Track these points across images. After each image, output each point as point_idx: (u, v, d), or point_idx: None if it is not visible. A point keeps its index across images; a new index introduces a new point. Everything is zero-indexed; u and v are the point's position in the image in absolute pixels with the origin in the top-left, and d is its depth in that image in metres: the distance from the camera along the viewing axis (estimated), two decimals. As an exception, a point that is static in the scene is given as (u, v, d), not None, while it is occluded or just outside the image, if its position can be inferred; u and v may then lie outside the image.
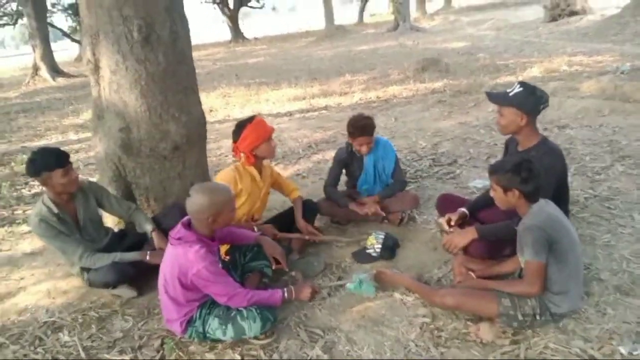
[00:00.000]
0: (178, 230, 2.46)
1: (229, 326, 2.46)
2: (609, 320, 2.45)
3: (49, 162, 2.88)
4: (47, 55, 17.60)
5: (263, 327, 2.47)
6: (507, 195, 2.43)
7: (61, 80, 16.89)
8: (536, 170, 2.37)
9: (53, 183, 2.91)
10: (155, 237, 3.16)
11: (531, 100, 2.74)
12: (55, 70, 17.76)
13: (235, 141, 3.23)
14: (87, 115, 9.19)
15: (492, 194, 2.57)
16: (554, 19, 17.63)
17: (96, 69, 3.40)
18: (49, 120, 9.63)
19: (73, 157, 6.41)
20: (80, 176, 3.11)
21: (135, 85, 3.28)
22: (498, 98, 2.88)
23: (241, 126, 3.21)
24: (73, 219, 3.08)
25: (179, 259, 2.40)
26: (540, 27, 16.91)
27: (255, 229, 3.22)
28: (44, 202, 3.00)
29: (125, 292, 3.06)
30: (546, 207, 2.42)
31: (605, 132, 5.17)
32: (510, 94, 2.79)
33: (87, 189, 3.19)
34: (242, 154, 3.21)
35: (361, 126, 3.56)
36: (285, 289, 2.64)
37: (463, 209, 3.15)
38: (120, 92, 3.31)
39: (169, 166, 3.52)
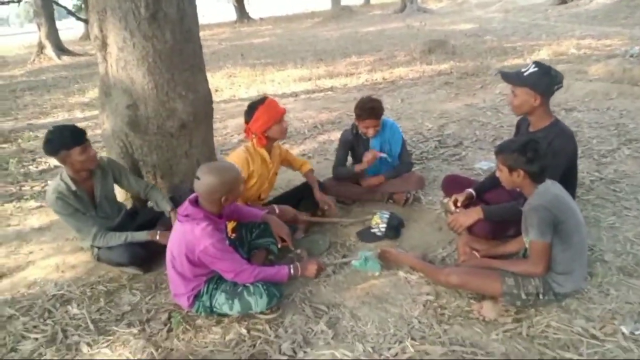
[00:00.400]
0: (185, 207, 2.48)
1: (236, 301, 2.50)
2: (611, 300, 2.47)
3: (66, 140, 2.88)
4: (52, 34, 17.52)
5: (269, 302, 2.51)
6: (512, 175, 2.44)
7: (66, 59, 16.84)
8: (542, 151, 2.36)
9: (72, 161, 2.92)
10: (173, 217, 3.18)
11: (545, 80, 2.71)
12: (61, 48, 17.70)
13: (247, 122, 3.23)
14: (93, 93, 9.19)
15: (497, 174, 2.57)
16: (563, 1, 17.42)
17: (103, 45, 3.40)
18: (55, 98, 9.63)
19: (79, 135, 6.51)
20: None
21: (143, 62, 3.27)
22: (512, 78, 2.84)
23: (253, 107, 3.21)
24: (89, 196, 3.11)
25: (186, 235, 2.43)
26: (549, 9, 16.72)
27: (277, 209, 3.24)
28: (62, 179, 3.01)
29: (131, 269, 3.10)
30: (552, 187, 2.43)
31: (613, 115, 5.15)
32: (525, 74, 2.75)
33: (105, 165, 3.21)
34: (253, 136, 3.21)
35: (369, 109, 3.55)
36: (291, 266, 2.67)
37: (470, 190, 3.15)
38: (128, 69, 3.31)
39: (176, 144, 3.53)
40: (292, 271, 2.64)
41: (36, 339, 2.57)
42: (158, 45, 3.26)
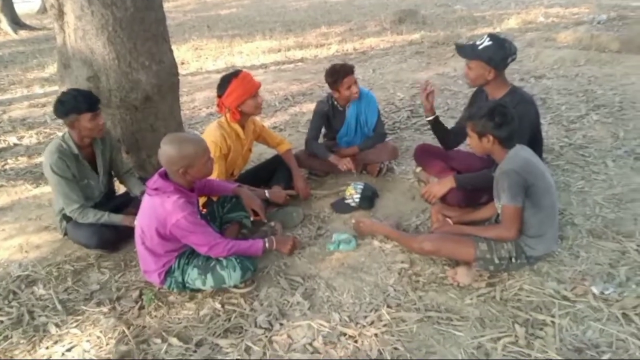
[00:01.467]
0: (155, 180, 2.39)
1: (209, 276, 2.45)
2: (581, 262, 2.51)
3: (79, 104, 2.78)
4: (8, 7, 16.63)
5: (243, 276, 2.46)
6: (482, 141, 2.43)
7: (23, 34, 16.04)
8: (510, 115, 2.36)
9: (80, 126, 2.83)
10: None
11: (499, 54, 2.70)
12: (17, 22, 16.83)
13: (219, 95, 3.10)
14: (52, 68, 8.80)
15: (468, 141, 2.56)
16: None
17: (60, 14, 3.22)
18: (12, 74, 9.19)
19: (39, 112, 6.26)
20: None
21: (102, 31, 3.12)
22: (466, 51, 2.83)
23: (227, 80, 3.07)
24: (91, 164, 3.03)
25: (156, 209, 2.35)
26: (517, -22, 16.70)
27: (267, 193, 3.19)
28: (64, 140, 2.90)
29: (97, 250, 3.01)
30: (522, 151, 2.43)
31: (581, 82, 5.20)
32: (479, 47, 2.74)
33: (107, 138, 3.11)
34: (227, 110, 3.11)
35: (341, 66, 3.48)
36: (266, 239, 2.63)
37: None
38: (87, 39, 3.15)
39: (141, 117, 3.41)
40: (266, 245, 2.60)
41: (1, 321, 2.48)
42: (118, 13, 3.10)
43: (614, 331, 2.08)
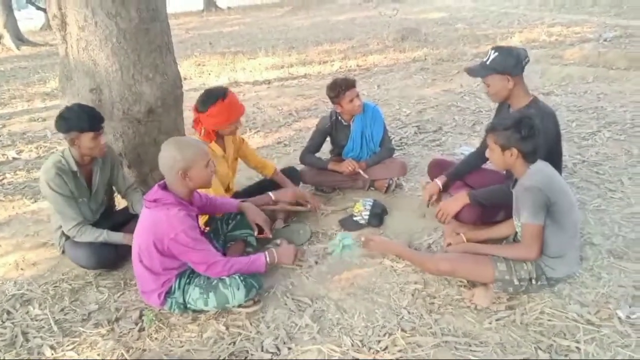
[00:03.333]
0: (154, 191, 2.29)
1: (211, 295, 2.33)
2: (604, 284, 2.39)
3: (82, 123, 2.68)
4: (11, 23, 16.73)
5: (247, 294, 2.34)
6: (505, 155, 2.32)
7: (26, 49, 16.11)
8: (537, 127, 2.25)
9: (80, 144, 2.72)
10: None
11: (510, 61, 2.63)
12: (20, 38, 16.93)
13: (200, 111, 2.94)
14: (54, 83, 8.77)
15: (488, 154, 2.45)
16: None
17: (63, 25, 3.14)
18: (14, 88, 9.15)
19: (40, 126, 6.17)
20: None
21: (106, 42, 3.04)
22: (477, 71, 2.77)
23: (212, 99, 2.90)
24: (87, 182, 2.91)
25: (154, 222, 2.24)
26: (518, -2, 16.84)
27: (272, 195, 3.09)
28: (63, 156, 2.80)
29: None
30: (545, 168, 2.33)
31: (590, 99, 5.14)
32: (488, 62, 2.68)
33: (109, 156, 3.01)
34: (202, 129, 2.97)
35: (343, 80, 3.41)
36: (266, 253, 2.51)
37: (437, 181, 3.10)
38: (90, 50, 3.07)
39: (144, 131, 3.31)
40: (267, 259, 2.48)
41: (-7, 343, 2.35)
42: (122, 24, 3.02)
43: (645, 359, 1.96)
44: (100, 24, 2.99)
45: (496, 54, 2.66)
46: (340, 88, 3.38)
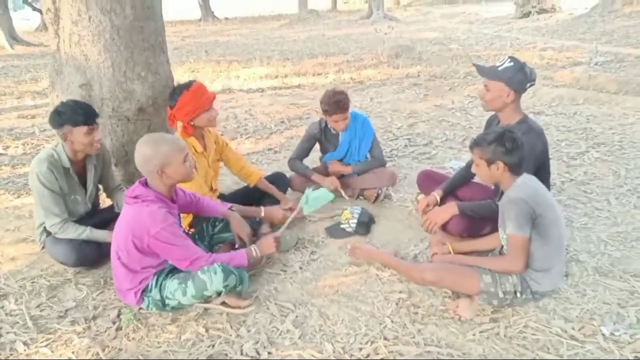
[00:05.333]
0: (135, 188, 2.26)
1: (189, 283, 2.27)
2: (589, 300, 2.38)
3: (76, 115, 2.63)
4: (6, 22, 16.70)
5: (225, 279, 2.25)
6: (490, 168, 2.32)
7: (20, 49, 16.04)
8: (520, 140, 2.27)
9: (73, 139, 2.66)
10: None
11: (519, 77, 2.62)
12: (14, 38, 16.87)
13: (170, 107, 2.94)
14: (45, 82, 8.69)
15: (474, 169, 2.45)
16: (525, 15, 17.91)
17: (56, 18, 3.12)
18: (4, 85, 9.07)
19: (28, 123, 6.10)
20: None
21: (99, 38, 3.02)
22: (487, 71, 2.75)
23: (178, 91, 2.91)
24: (81, 180, 2.86)
25: (134, 219, 2.21)
26: (511, 22, 17.11)
27: (263, 212, 3.08)
28: (56, 150, 2.74)
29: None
30: (530, 181, 2.33)
31: (580, 120, 5.19)
32: (500, 68, 2.66)
33: (102, 153, 2.97)
34: (178, 123, 2.96)
35: (335, 102, 3.37)
36: (247, 248, 2.51)
37: (434, 194, 3.07)
38: (82, 45, 3.05)
39: (133, 129, 3.28)
40: (253, 252, 2.48)
41: (-36, 337, 2.27)
42: (116, 20, 3.01)
43: (628, 375, 1.94)
44: (93, 18, 2.98)
45: (511, 63, 2.63)
46: (330, 108, 3.38)
